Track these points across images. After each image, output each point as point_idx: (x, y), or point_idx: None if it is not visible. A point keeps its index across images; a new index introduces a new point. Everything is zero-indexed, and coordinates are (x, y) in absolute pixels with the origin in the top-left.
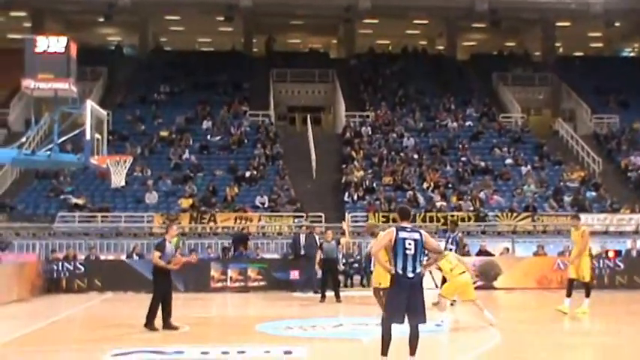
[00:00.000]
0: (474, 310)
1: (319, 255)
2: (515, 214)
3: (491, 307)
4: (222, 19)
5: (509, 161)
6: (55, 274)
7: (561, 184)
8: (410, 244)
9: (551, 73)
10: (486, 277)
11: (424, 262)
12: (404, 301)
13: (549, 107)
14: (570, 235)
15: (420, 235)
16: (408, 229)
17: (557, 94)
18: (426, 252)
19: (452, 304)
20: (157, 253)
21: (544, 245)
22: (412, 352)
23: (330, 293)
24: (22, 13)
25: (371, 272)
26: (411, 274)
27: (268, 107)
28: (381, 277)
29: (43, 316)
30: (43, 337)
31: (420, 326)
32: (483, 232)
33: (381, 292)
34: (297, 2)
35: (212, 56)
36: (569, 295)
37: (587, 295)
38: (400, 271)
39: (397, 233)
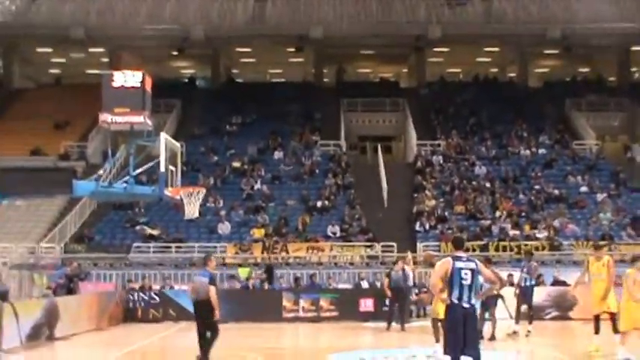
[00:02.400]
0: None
1: (386, 283)
2: (591, 243)
3: (566, 337)
4: (292, 50)
5: (583, 189)
6: (131, 304)
7: (639, 212)
8: (466, 274)
9: (626, 98)
10: (561, 308)
11: (482, 292)
12: (461, 333)
13: (625, 133)
14: (587, 266)
15: (476, 264)
16: (464, 259)
17: (633, 120)
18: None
19: (527, 335)
20: (214, 288)
21: (622, 275)
22: None
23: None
24: (100, 49)
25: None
26: (466, 304)
27: (339, 137)
28: (440, 309)
29: (119, 345)
30: None
31: (488, 356)
32: (558, 262)
33: (439, 324)
34: (367, 32)
35: (283, 87)
36: (597, 332)
37: (616, 330)
38: (456, 301)
39: (454, 263)
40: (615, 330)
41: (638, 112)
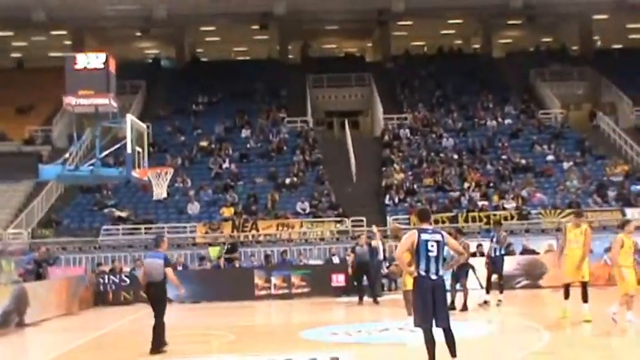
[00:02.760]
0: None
1: (352, 259)
2: (558, 211)
3: (537, 305)
4: (257, 27)
5: (550, 158)
6: (101, 287)
7: (605, 178)
8: (432, 245)
9: (589, 67)
10: (531, 276)
11: (449, 263)
12: (430, 304)
13: (589, 101)
14: (566, 233)
15: (442, 236)
16: (430, 231)
17: (596, 88)
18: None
19: (498, 305)
20: (171, 269)
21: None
22: (453, 354)
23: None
24: (62, 32)
25: None
26: (434, 276)
27: (306, 113)
28: (408, 281)
29: (90, 329)
30: (90, 350)
31: (459, 327)
32: (527, 231)
33: (410, 295)
34: (331, 8)
35: (248, 65)
36: (567, 297)
37: (586, 299)
38: (423, 273)
39: (419, 235)
40: (585, 299)
41: (601, 81)
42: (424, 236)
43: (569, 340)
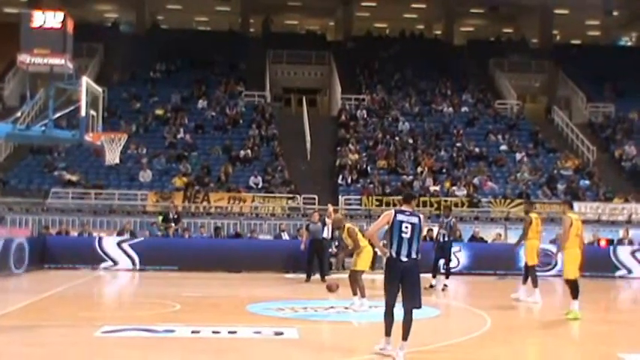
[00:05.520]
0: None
1: (305, 236)
2: (508, 201)
3: (483, 292)
4: None
5: (503, 147)
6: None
7: (555, 171)
8: (407, 227)
9: (547, 61)
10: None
11: None
12: (396, 285)
13: (545, 94)
14: (571, 224)
15: (419, 219)
16: (407, 213)
17: (553, 82)
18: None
19: (443, 290)
20: None
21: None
22: (405, 337)
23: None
24: None
25: None
26: (404, 259)
27: (264, 88)
28: (359, 261)
29: (34, 291)
30: (35, 312)
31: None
32: (476, 218)
33: (357, 275)
34: None
35: (209, 36)
36: (576, 296)
37: (575, 295)
38: (394, 254)
39: (395, 215)
40: (575, 295)
41: (558, 75)
42: (400, 217)
43: (512, 325)
